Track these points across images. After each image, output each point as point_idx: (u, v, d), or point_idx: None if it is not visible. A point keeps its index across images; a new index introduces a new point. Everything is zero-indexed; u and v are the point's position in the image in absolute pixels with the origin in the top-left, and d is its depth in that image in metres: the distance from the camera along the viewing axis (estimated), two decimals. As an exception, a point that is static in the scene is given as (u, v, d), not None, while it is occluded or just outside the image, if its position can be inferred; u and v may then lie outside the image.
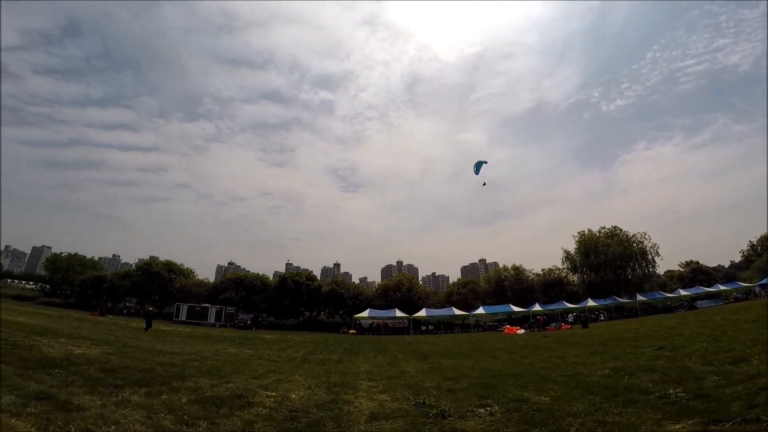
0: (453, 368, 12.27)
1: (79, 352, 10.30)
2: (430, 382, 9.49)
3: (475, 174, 24.73)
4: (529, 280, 58.47)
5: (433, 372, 11.62)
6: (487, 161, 25.74)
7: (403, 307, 50.71)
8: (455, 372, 11.20)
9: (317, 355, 17.26)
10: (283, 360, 14.70)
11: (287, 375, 10.43)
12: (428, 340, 30.34)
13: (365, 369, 12.68)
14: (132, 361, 10.13)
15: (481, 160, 25.31)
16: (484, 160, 25.47)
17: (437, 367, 12.98)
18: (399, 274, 58.05)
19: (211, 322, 47.64)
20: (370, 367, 13.33)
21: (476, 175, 24.76)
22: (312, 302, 57.15)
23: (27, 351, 8.96)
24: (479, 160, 25.30)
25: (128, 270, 67.64)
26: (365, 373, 11.68)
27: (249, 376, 9.68)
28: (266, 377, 9.72)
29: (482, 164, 25.33)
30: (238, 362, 12.64)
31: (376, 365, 13.85)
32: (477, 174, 24.77)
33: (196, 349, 16.38)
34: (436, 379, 10.07)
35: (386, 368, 12.87)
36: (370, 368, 12.87)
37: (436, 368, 12.56)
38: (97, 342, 13.70)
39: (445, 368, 12.43)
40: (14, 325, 15.32)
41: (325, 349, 21.16)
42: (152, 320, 28.34)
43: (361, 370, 12.31)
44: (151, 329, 25.97)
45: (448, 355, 17.40)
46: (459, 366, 12.86)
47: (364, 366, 13.55)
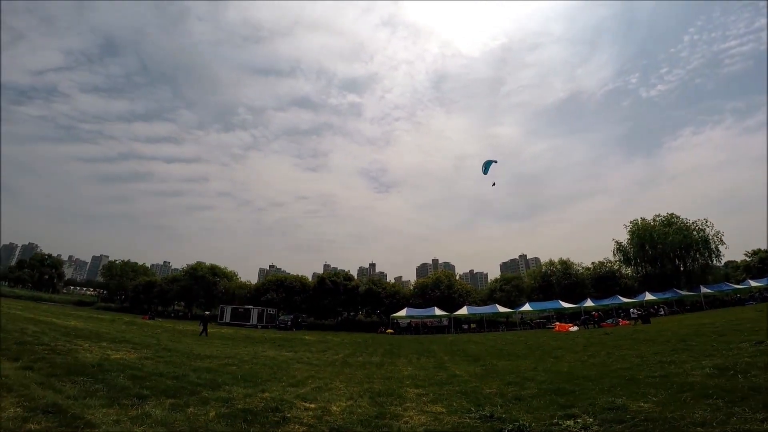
0: (511, 371, 10.94)
1: (116, 357, 9.98)
2: (488, 388, 8.29)
3: (484, 174, 24.01)
4: (577, 275, 54.94)
5: (488, 376, 10.34)
6: (497, 161, 24.85)
7: (442, 305, 49.13)
8: (516, 375, 9.90)
9: (357, 358, 16.40)
10: (322, 363, 13.94)
11: (327, 381, 9.56)
12: (473, 339, 28.79)
13: (409, 373, 11.61)
14: (166, 366, 9.66)
15: (490, 160, 24.49)
16: (494, 160, 24.63)
17: (492, 369, 11.67)
18: (437, 272, 56.39)
19: (254, 323, 48.36)
20: (414, 370, 12.25)
21: (485, 174, 24.03)
22: (350, 302, 56.87)
23: (62, 356, 8.69)
24: (488, 160, 24.53)
25: (176, 275, 70.66)
26: (410, 378, 10.62)
27: (287, 383, 8.90)
28: (305, 384, 8.90)
29: (491, 164, 24.50)
30: (276, 367, 11.96)
31: (421, 368, 12.74)
32: (485, 174, 24.03)
33: (235, 351, 16.02)
34: (496, 384, 8.83)
35: (433, 372, 11.74)
36: (415, 372, 11.79)
37: (492, 371, 11.27)
38: (137, 345, 13.57)
39: (502, 371, 11.12)
40: (63, 329, 15.62)
41: (364, 350, 20.32)
42: (208, 324, 26.70)
43: (405, 375, 11.26)
44: (194, 330, 26.35)
45: (500, 355, 15.99)
46: (517, 368, 11.49)
47: (408, 369, 12.49)
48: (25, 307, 31.76)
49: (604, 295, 49.84)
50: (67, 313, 30.66)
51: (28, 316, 20.25)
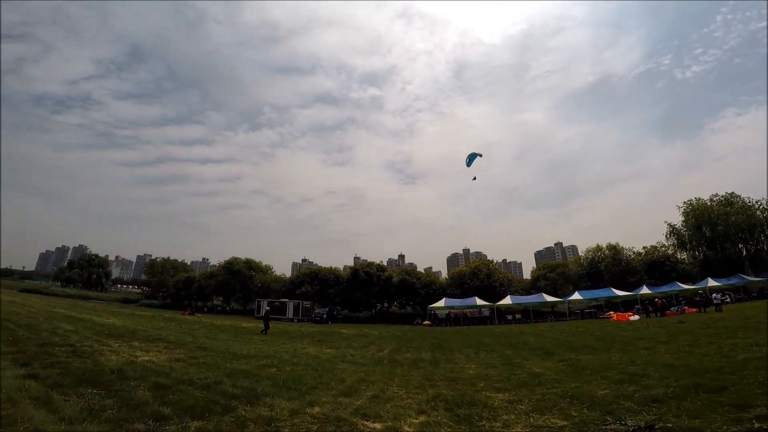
0: (604, 365, 9.13)
1: (144, 359, 8.88)
2: (597, 389, 6.57)
3: (467, 166, 23.36)
4: (628, 261, 50.98)
5: (579, 373, 8.52)
6: (482, 154, 24.03)
7: (482, 295, 46.90)
8: (617, 371, 8.18)
9: (405, 354, 14.86)
10: (369, 362, 12.48)
11: (382, 387, 8.03)
12: (524, 330, 26.63)
13: (477, 372, 9.91)
14: (198, 370, 8.44)
15: (475, 153, 23.78)
16: (479, 153, 23.88)
17: (577, 365, 9.78)
18: (476, 260, 53.96)
19: (290, 316, 48.13)
20: (480, 368, 10.53)
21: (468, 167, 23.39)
22: (383, 293, 55.65)
23: (81, 360, 7.63)
24: (473, 152, 23.78)
25: (213, 270, 72.02)
26: (481, 378, 8.92)
27: (336, 390, 7.42)
28: (358, 392, 7.39)
29: (476, 157, 23.67)
30: (320, 368, 10.58)
31: (487, 365, 11.00)
32: (469, 166, 23.38)
33: (274, 349, 14.89)
34: (600, 383, 7.11)
35: (505, 370, 9.96)
36: (483, 371, 10.06)
37: (579, 368, 9.40)
38: (171, 344, 12.62)
39: (592, 366, 9.28)
40: (98, 327, 15.02)
41: (409, 345, 18.76)
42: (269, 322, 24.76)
43: (472, 375, 9.57)
44: (231, 325, 25.83)
45: (572, 348, 14.10)
46: (608, 362, 9.64)
47: (472, 367, 10.78)
48: (72, 305, 32.55)
49: (660, 281, 45.93)
50: (110, 311, 31.06)
51: (69, 314, 20.12)
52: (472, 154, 23.77)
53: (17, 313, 16.50)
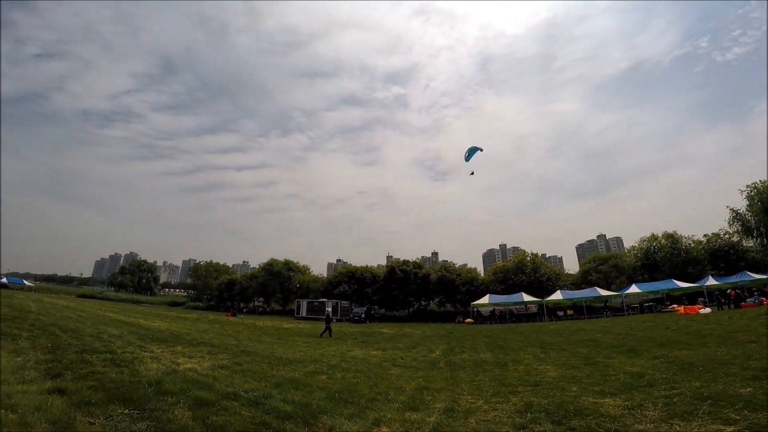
0: (721, 361, 7.82)
1: (186, 367, 8.18)
2: (739, 388, 5.20)
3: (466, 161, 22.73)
4: (688, 250, 46.66)
5: (692, 371, 7.42)
6: (482, 149, 23.17)
7: (528, 290, 44.47)
8: (743, 368, 7.08)
9: (460, 355, 13.63)
10: (423, 365, 11.35)
11: (452, 396, 6.90)
12: (584, 326, 24.47)
13: (559, 374, 8.71)
14: (243, 379, 7.62)
15: (475, 147, 23.02)
16: (480, 147, 23.06)
17: (679, 362, 8.47)
18: (520, 254, 51.30)
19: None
20: (559, 369, 9.34)
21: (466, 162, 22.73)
22: (421, 291, 54.27)
23: (119, 369, 6.98)
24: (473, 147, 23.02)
25: (253, 271, 73.53)
26: (567, 380, 7.72)
27: (399, 402, 6.37)
28: (425, 403, 6.31)
29: (476, 151, 22.99)
30: (373, 373, 9.58)
31: (567, 366, 9.72)
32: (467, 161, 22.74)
33: (319, 352, 14.07)
34: (735, 382, 5.91)
35: (591, 370, 8.65)
36: (565, 372, 8.84)
37: (683, 364, 8.28)
38: (214, 349, 12.05)
39: (701, 363, 8.09)
40: (143, 332, 14.80)
41: (461, 345, 17.42)
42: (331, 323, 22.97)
43: (554, 377, 8.38)
44: (273, 326, 25.51)
45: (658, 344, 12.62)
46: (719, 358, 8.24)
47: (548, 369, 9.49)
48: (123, 309, 33.68)
49: (726, 271, 41.65)
50: (157, 314, 31.80)
51: (117, 318, 20.38)
52: (472, 148, 23.00)
53: (67, 318, 16.72)
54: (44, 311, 18.44)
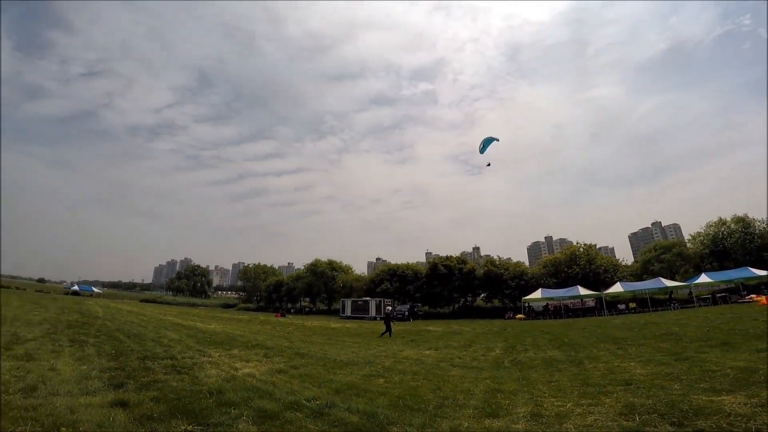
0: None
1: (244, 372, 8.02)
2: None
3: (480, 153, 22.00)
4: (763, 234, 41.82)
5: None
6: (498, 139, 22.32)
7: (584, 283, 41.85)
8: None
9: (525, 353, 12.72)
10: (486, 365, 10.59)
11: (532, 398, 6.22)
12: (653, 319, 22.34)
13: (649, 371, 7.97)
14: (302, 385, 7.30)
15: (490, 138, 22.17)
16: (495, 138, 22.23)
17: None
18: (572, 246, 48.38)
19: (372, 315, 47.85)
20: (648, 366, 8.48)
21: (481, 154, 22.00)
22: (466, 287, 52.78)
23: (179, 377, 6.89)
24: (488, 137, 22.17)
25: (299, 272, 75.44)
26: (663, 377, 6.87)
27: (473, 408, 5.80)
28: (504, 409, 5.68)
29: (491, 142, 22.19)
30: (433, 376, 8.99)
31: (654, 362, 8.82)
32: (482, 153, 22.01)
33: (371, 353, 13.69)
34: None
35: (686, 366, 7.63)
36: (655, 369, 7.99)
37: None
38: (269, 351, 11.99)
39: None
40: (200, 335, 15.15)
41: (520, 342, 16.36)
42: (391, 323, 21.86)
43: (644, 373, 7.63)
44: (321, 326, 25.64)
45: (754, 336, 11.24)
46: None
47: (633, 366, 8.65)
48: (181, 312, 35.48)
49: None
50: (212, 316, 33.11)
51: (176, 322, 21.24)
52: (486, 140, 22.22)
53: (131, 322, 17.57)
54: (110, 316, 19.56)
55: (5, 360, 6.44)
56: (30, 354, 7.17)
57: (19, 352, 7.26)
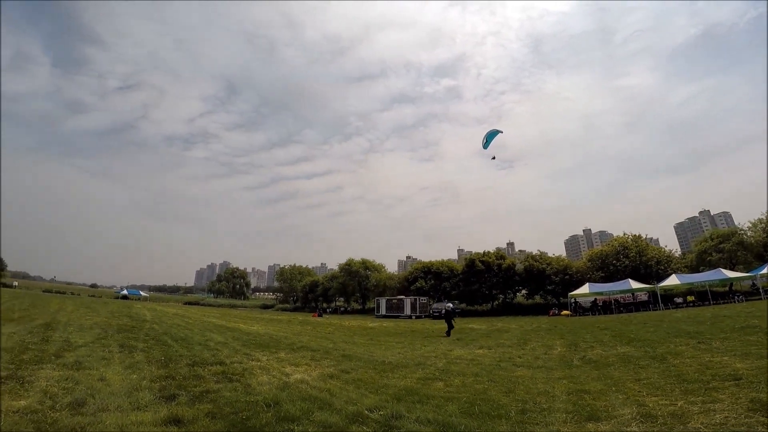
0: None
1: (296, 379, 7.54)
2: None
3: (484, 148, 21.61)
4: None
5: None
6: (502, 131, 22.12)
7: (634, 276, 39.20)
8: None
9: (592, 351, 11.73)
10: (554, 364, 9.71)
11: (633, 399, 5.43)
12: (720, 312, 20.27)
13: (750, 365, 6.80)
14: (358, 392, 6.72)
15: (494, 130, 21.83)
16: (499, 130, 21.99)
17: None
18: (619, 237, 45.38)
19: (408, 313, 47.10)
20: (749, 361, 7.52)
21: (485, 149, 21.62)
22: (506, 283, 50.88)
23: (232, 385, 6.45)
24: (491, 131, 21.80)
25: (333, 272, 75.97)
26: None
27: (565, 413, 5.14)
28: (604, 411, 5.05)
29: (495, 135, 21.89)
30: (497, 377, 8.25)
31: (756, 356, 7.60)
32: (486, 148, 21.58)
33: (418, 353, 13.01)
34: None
35: None
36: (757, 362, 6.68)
37: None
38: (316, 353, 11.56)
39: None
40: (245, 337, 15.00)
41: (580, 339, 15.07)
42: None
43: (753, 367, 6.68)
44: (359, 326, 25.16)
45: None
46: None
47: (729, 361, 7.77)
48: (223, 314, 36.24)
49: None
50: (253, 317, 33.54)
51: (220, 324, 21.43)
52: (490, 133, 21.77)
53: (177, 325, 17.76)
54: (157, 320, 19.98)
55: (55, 370, 6.29)
56: (80, 362, 7.00)
57: (69, 360, 7.14)
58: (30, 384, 5.21)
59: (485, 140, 21.84)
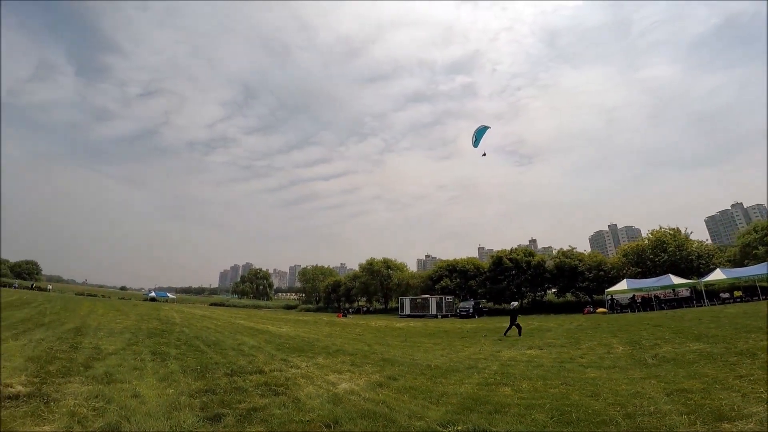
0: None
1: (344, 389, 6.74)
2: None
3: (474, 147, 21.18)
4: None
5: None
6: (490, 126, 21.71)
7: (674, 271, 36.97)
8: None
9: (659, 348, 10.67)
10: (625, 363, 8.73)
11: (752, 398, 4.30)
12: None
13: None
14: (417, 402, 5.88)
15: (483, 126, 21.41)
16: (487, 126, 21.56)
17: None
18: (656, 231, 43.00)
19: (433, 313, 45.95)
20: None
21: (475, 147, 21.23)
22: (535, 281, 49.07)
23: (280, 399, 5.66)
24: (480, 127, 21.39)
25: (355, 272, 75.57)
26: None
27: (692, 415, 4.16)
28: (734, 411, 4.03)
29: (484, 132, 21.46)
30: (569, 379, 7.36)
31: None
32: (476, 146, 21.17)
33: (463, 355, 12.09)
34: None
35: None
36: None
37: None
38: (354, 358, 10.79)
39: None
40: (277, 340, 14.35)
41: (640, 338, 13.72)
42: None
43: None
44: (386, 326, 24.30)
45: None
46: None
47: None
48: (248, 315, 36.06)
49: None
50: (279, 318, 33.20)
51: (248, 325, 20.98)
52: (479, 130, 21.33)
53: (207, 328, 17.32)
54: (186, 322, 19.65)
55: (84, 384, 5.59)
56: (110, 374, 6.28)
57: (98, 372, 6.47)
58: (56, 403, 4.52)
59: (474, 138, 21.41)
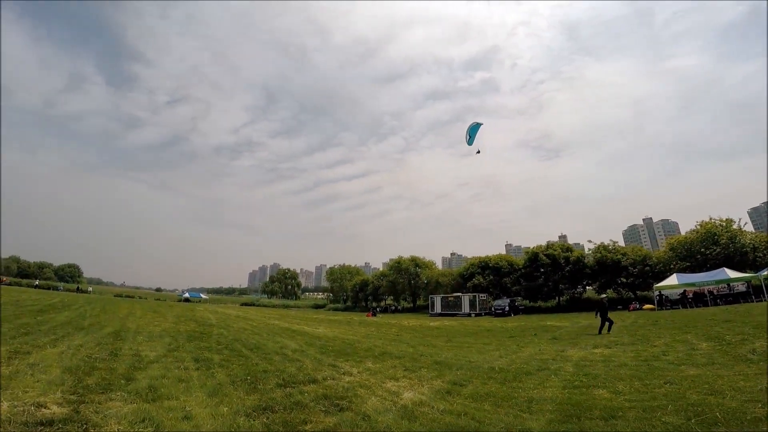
0: None
1: (410, 399, 5.89)
2: None
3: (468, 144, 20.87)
4: None
5: None
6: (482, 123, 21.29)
7: (727, 265, 34.18)
8: None
9: (750, 344, 9.44)
10: (723, 360, 7.70)
11: None
12: None
13: None
14: (507, 414, 4.94)
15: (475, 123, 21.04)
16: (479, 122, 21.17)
17: None
18: (706, 223, 39.76)
19: (466, 311, 44.58)
20: None
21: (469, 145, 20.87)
22: (574, 277, 46.75)
23: (345, 416, 4.84)
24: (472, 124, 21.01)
25: (382, 271, 74.85)
26: None
27: None
28: None
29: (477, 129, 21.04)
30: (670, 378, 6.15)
31: None
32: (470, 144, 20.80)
33: (522, 355, 11.07)
34: None
35: None
36: None
37: None
38: (404, 361, 9.95)
39: None
40: (318, 343, 13.67)
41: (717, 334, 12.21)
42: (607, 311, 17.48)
43: None
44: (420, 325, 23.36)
45: None
46: None
47: None
48: (281, 315, 35.97)
49: None
50: (311, 318, 32.86)
51: (284, 326, 20.57)
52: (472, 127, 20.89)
53: (244, 329, 16.92)
54: (223, 323, 19.40)
55: (127, 401, 4.75)
56: (154, 387, 5.60)
57: (142, 385, 5.74)
58: (97, 430, 3.80)
59: (468, 136, 20.87)
